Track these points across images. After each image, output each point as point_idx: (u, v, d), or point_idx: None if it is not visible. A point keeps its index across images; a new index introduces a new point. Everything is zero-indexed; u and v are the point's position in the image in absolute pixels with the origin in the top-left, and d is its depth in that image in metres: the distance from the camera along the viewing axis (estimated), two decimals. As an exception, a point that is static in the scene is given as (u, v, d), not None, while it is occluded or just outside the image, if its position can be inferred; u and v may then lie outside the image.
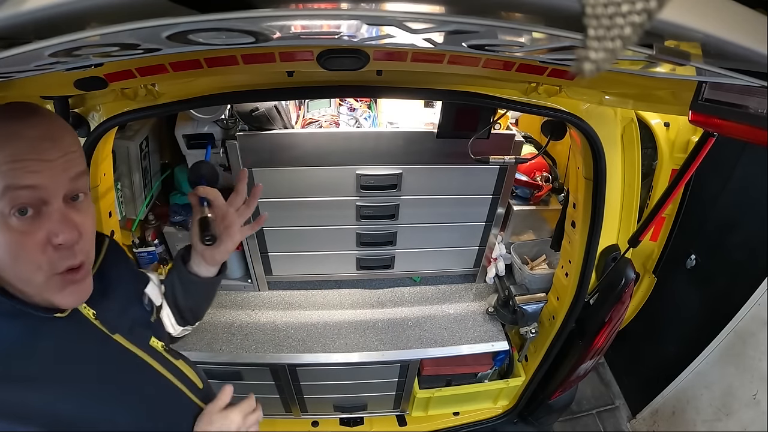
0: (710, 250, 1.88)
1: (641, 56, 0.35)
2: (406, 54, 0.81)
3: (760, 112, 0.55)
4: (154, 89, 0.94)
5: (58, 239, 0.56)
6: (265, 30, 0.40)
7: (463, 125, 1.31)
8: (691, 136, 1.35)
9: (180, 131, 1.33)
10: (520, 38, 0.43)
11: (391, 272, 1.78)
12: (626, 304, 1.36)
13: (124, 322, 0.72)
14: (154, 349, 0.75)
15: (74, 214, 0.58)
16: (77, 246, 0.59)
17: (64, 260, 0.58)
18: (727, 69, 0.41)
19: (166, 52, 0.50)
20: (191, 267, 0.88)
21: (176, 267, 0.90)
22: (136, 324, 0.75)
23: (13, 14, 0.24)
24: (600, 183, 1.21)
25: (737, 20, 0.28)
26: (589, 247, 1.32)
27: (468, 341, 1.63)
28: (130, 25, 0.29)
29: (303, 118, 1.54)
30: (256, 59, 0.80)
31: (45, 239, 0.55)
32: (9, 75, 0.54)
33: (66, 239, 0.56)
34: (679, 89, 0.77)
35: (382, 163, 1.44)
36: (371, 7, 0.32)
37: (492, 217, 1.63)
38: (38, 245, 0.55)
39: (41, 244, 0.55)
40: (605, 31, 0.18)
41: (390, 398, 1.82)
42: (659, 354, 2.19)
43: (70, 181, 0.58)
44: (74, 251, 0.59)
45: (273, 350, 1.57)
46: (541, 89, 1.02)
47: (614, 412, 2.42)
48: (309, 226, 1.59)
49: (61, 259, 0.57)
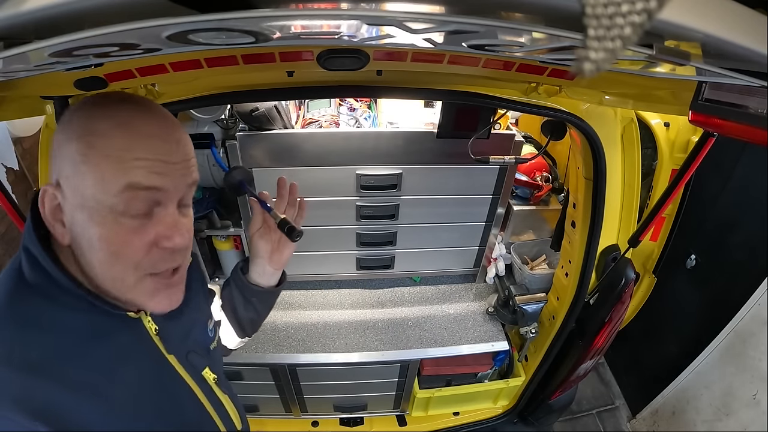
0: (710, 250, 1.88)
1: (641, 56, 0.35)
2: (406, 54, 0.81)
3: (760, 112, 0.55)
4: (154, 89, 0.94)
5: (169, 243, 0.54)
6: (265, 30, 0.40)
7: (463, 125, 1.31)
8: (691, 136, 1.35)
9: (180, 131, 1.33)
10: (520, 38, 0.43)
11: (391, 272, 1.78)
12: (626, 304, 1.36)
13: (183, 346, 0.70)
14: (204, 380, 0.72)
15: (184, 220, 0.57)
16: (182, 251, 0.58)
17: (166, 262, 0.56)
18: (727, 69, 0.41)
19: (166, 52, 0.50)
20: (253, 278, 0.90)
21: (236, 280, 0.91)
22: (195, 350, 0.73)
23: (13, 14, 0.24)
24: (600, 183, 1.21)
25: (737, 20, 0.28)
26: (589, 247, 1.32)
27: (468, 341, 1.63)
28: (130, 25, 0.29)
29: (303, 118, 1.54)
30: (256, 59, 0.80)
31: (153, 241, 0.54)
32: (9, 75, 0.54)
33: (177, 244, 0.55)
34: (679, 89, 0.77)
35: (382, 163, 1.44)
36: (371, 7, 0.32)
37: (492, 217, 1.63)
38: (145, 246, 0.54)
39: (148, 245, 0.54)
40: (605, 31, 0.18)
41: (390, 398, 1.82)
42: (659, 354, 2.19)
43: (187, 187, 0.57)
44: (177, 256, 0.57)
45: (273, 350, 1.57)
46: (541, 89, 1.02)
47: (614, 412, 2.42)
48: (309, 226, 1.58)
49: (162, 261, 0.56)
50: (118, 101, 0.54)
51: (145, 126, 0.53)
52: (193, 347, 0.72)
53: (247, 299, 0.91)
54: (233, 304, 0.92)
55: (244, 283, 0.90)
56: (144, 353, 0.63)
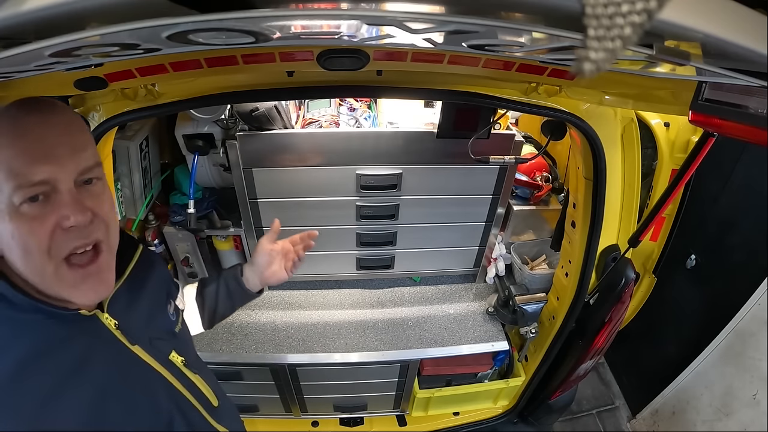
0: (710, 250, 1.88)
1: (641, 56, 0.35)
2: (406, 54, 0.81)
3: (760, 112, 0.55)
4: (154, 89, 0.94)
5: (69, 221, 0.55)
6: (265, 30, 0.40)
7: (463, 125, 1.31)
8: (691, 136, 1.34)
9: (180, 131, 1.33)
10: (520, 38, 0.43)
11: (391, 272, 1.78)
12: (626, 304, 1.36)
13: (146, 333, 0.71)
14: (172, 364, 0.74)
15: (86, 197, 0.57)
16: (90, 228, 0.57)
17: (72, 241, 0.56)
18: (727, 69, 0.41)
19: (166, 52, 0.50)
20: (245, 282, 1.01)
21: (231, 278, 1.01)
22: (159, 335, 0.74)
23: (13, 14, 0.24)
24: (600, 183, 1.21)
25: (737, 20, 0.28)
26: (589, 247, 1.32)
27: (468, 341, 1.63)
28: (130, 25, 0.29)
29: (303, 118, 1.54)
30: (256, 59, 0.80)
31: (55, 223, 0.54)
32: (9, 75, 0.54)
33: (78, 221, 0.55)
34: (679, 89, 0.77)
35: (382, 163, 1.44)
36: (371, 7, 0.32)
37: (492, 217, 1.63)
38: (47, 230, 0.54)
39: (49, 230, 0.54)
40: (605, 31, 0.18)
41: (390, 398, 1.82)
42: (659, 354, 2.19)
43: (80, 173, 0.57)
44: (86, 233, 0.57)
45: (273, 350, 1.57)
46: (541, 89, 1.02)
47: (614, 412, 2.42)
48: (309, 226, 1.58)
49: (68, 241, 0.56)
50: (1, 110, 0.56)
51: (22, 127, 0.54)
52: (156, 334, 0.74)
53: (232, 297, 1.01)
54: (216, 298, 1.00)
55: (239, 284, 1.00)
56: (106, 351, 0.64)
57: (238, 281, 1.00)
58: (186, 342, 0.86)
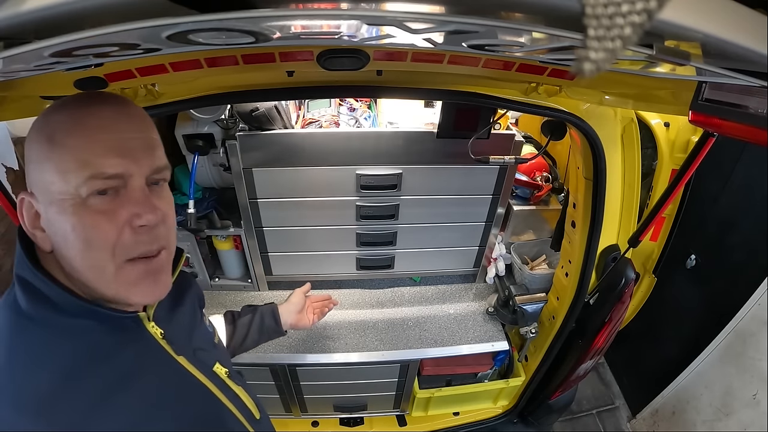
0: (710, 250, 1.88)
1: (641, 56, 0.35)
2: (406, 54, 0.81)
3: (760, 112, 0.55)
4: (154, 89, 0.94)
5: (140, 220, 0.53)
6: (265, 30, 0.40)
7: (463, 125, 1.31)
8: (691, 136, 1.35)
9: (180, 131, 1.33)
10: (520, 38, 0.43)
11: (391, 272, 1.78)
12: (626, 304, 1.36)
13: (189, 344, 0.69)
14: (216, 375, 0.71)
15: (155, 197, 0.56)
16: (157, 231, 0.56)
17: (143, 244, 0.54)
18: (727, 69, 0.41)
19: (166, 52, 0.50)
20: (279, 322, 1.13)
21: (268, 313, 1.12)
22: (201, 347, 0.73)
23: (13, 14, 0.24)
24: (600, 183, 1.21)
25: (737, 20, 0.28)
26: (589, 247, 1.32)
27: (468, 341, 1.63)
28: (130, 25, 0.29)
29: (303, 118, 1.54)
30: (256, 59, 0.80)
31: (125, 220, 0.52)
32: (9, 75, 0.54)
33: (149, 220, 0.53)
34: (679, 89, 0.77)
35: (382, 163, 1.44)
36: (371, 7, 0.32)
37: (492, 217, 1.63)
38: (116, 227, 0.52)
39: (119, 227, 0.52)
40: (605, 31, 0.18)
41: (390, 398, 1.82)
42: (659, 354, 2.19)
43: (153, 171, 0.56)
44: (153, 237, 0.55)
45: (273, 350, 1.57)
46: (541, 89, 1.02)
47: (614, 412, 2.42)
48: (309, 226, 1.59)
49: (138, 243, 0.54)
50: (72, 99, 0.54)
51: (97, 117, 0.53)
52: (199, 344, 0.72)
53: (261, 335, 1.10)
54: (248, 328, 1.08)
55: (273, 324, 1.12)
56: (153, 361, 0.62)
57: (275, 317, 1.11)
58: (224, 354, 0.84)
